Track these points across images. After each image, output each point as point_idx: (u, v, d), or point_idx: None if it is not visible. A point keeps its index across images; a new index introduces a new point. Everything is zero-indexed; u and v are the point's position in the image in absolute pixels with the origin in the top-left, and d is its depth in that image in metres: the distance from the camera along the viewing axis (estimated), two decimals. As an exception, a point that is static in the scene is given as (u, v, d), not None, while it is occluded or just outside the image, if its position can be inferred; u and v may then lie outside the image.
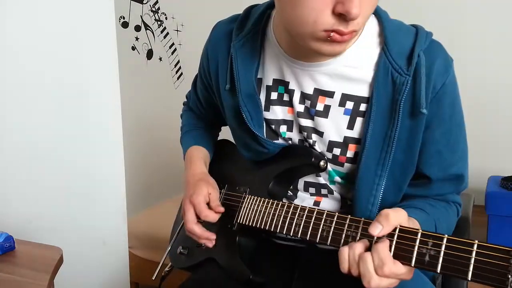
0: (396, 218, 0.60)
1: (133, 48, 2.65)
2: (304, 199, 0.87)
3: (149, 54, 2.79)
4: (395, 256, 0.58)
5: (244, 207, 0.85)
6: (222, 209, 0.85)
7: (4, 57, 1.16)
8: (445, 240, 0.54)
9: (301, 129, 0.81)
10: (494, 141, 3.02)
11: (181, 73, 3.10)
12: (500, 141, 3.03)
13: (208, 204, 0.86)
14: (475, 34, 2.99)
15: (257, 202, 0.82)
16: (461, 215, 0.85)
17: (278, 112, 0.83)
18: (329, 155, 0.80)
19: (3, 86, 1.17)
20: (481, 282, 0.50)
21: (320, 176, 0.84)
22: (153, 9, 2.81)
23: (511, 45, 2.95)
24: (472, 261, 0.51)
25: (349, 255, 0.61)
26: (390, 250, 0.58)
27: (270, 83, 0.83)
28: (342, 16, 0.61)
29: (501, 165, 2.92)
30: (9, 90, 1.18)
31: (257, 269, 0.81)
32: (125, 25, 2.56)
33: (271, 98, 0.83)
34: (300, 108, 0.80)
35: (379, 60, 0.74)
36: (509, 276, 0.48)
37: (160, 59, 2.90)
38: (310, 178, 0.85)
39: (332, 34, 0.64)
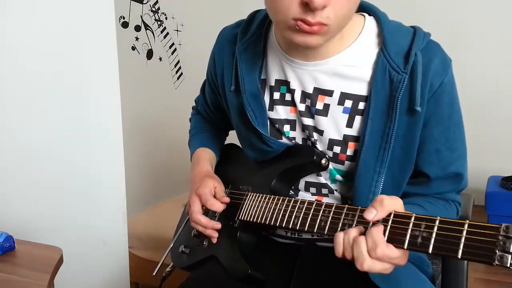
0: (391, 204, 0.60)
1: (133, 48, 2.65)
2: (305, 198, 0.87)
3: (149, 54, 2.79)
4: (389, 240, 0.58)
5: (246, 204, 0.86)
6: (227, 199, 0.87)
7: (4, 57, 1.16)
8: (437, 222, 0.55)
9: (303, 128, 0.82)
10: (494, 141, 3.02)
11: (181, 73, 3.10)
12: (500, 141, 3.03)
13: (214, 197, 0.87)
14: (475, 34, 2.99)
15: (259, 199, 0.83)
16: (461, 215, 0.85)
17: (281, 112, 0.84)
18: (330, 153, 0.81)
19: (3, 86, 1.17)
20: (471, 259, 0.51)
21: (321, 176, 0.85)
22: (153, 9, 2.81)
23: (511, 45, 2.95)
24: (463, 239, 0.52)
25: (344, 239, 0.61)
26: (384, 234, 0.59)
27: (273, 84, 0.85)
28: (308, 6, 0.63)
29: (501, 165, 2.93)
30: (9, 90, 1.18)
31: (257, 266, 0.81)
32: (125, 25, 2.56)
33: (274, 98, 0.85)
34: (301, 107, 0.82)
35: (377, 59, 0.75)
36: (497, 251, 0.49)
37: (160, 59, 2.90)
38: (311, 178, 0.86)
39: (299, 22, 0.66)
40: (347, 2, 0.67)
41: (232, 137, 1.08)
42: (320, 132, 0.80)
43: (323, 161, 0.80)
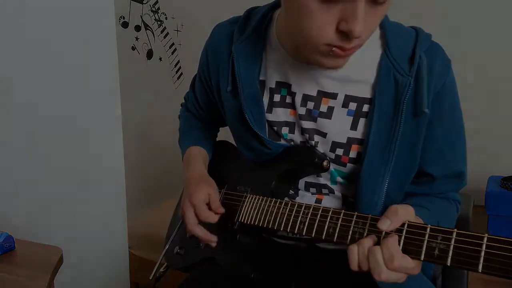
0: (405, 213, 0.60)
1: (133, 48, 2.64)
2: (306, 198, 0.87)
3: (149, 54, 2.79)
4: (404, 251, 0.58)
5: (245, 206, 0.84)
6: (222, 210, 0.84)
7: (4, 57, 1.16)
8: (454, 234, 0.55)
9: (303, 131, 0.81)
10: (494, 141, 3.02)
11: (181, 73, 3.10)
12: (500, 141, 3.03)
13: (208, 204, 0.85)
14: (475, 34, 2.99)
15: (259, 201, 0.82)
16: (461, 215, 0.85)
17: (280, 114, 0.83)
18: (332, 156, 0.80)
19: (3, 86, 1.17)
20: (491, 273, 0.51)
21: (321, 177, 0.84)
22: (153, 9, 2.80)
23: (510, 44, 2.95)
24: (483, 253, 0.52)
25: (358, 251, 0.61)
26: (399, 244, 0.59)
27: (273, 86, 0.83)
28: (345, 34, 0.62)
29: (501, 165, 2.92)
30: (9, 90, 1.18)
31: (258, 268, 0.81)
32: (125, 25, 2.56)
33: (274, 100, 0.83)
34: (301, 110, 0.80)
35: (380, 61, 0.75)
36: None
37: (160, 59, 2.90)
38: (310, 179, 0.85)
39: (334, 49, 0.64)
40: (378, 21, 0.66)
41: (225, 134, 1.06)
42: (323, 135, 0.79)
43: (325, 163, 0.80)
